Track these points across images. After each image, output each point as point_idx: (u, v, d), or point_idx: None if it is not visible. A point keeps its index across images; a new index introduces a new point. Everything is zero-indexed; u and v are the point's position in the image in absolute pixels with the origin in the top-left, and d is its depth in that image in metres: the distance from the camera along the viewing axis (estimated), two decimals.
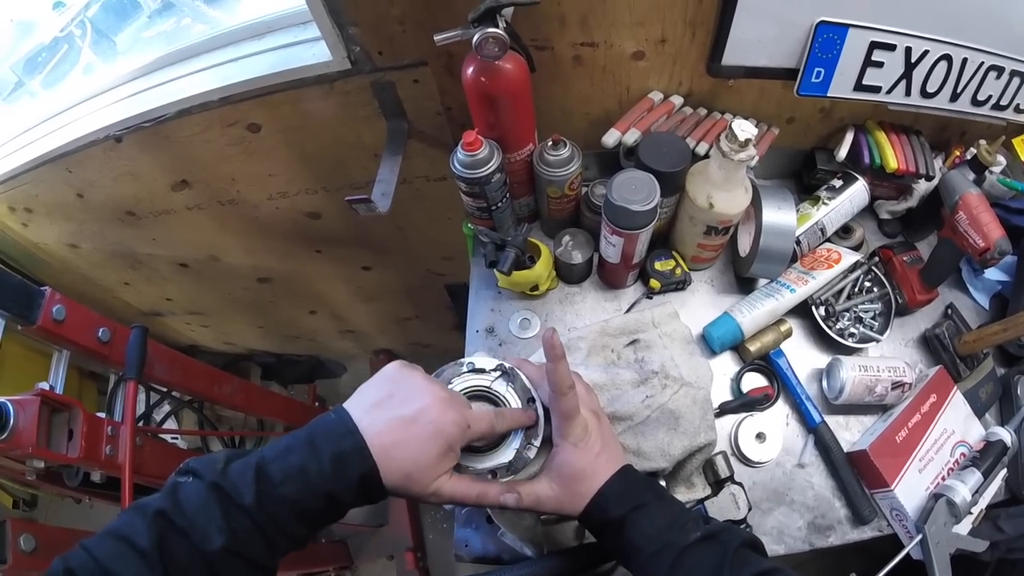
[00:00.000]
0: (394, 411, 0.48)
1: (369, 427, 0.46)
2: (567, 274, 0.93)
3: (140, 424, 1.29)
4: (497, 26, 0.66)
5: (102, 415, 1.20)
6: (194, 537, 0.40)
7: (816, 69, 0.81)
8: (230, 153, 1.06)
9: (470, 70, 0.72)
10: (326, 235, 1.36)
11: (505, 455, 0.56)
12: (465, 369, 0.59)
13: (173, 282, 1.67)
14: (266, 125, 1.00)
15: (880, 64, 0.80)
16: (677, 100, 0.90)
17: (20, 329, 1.21)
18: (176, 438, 1.72)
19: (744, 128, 0.73)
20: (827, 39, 0.78)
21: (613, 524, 0.53)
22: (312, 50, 0.88)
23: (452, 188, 0.83)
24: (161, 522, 0.41)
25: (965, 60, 0.80)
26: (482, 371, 0.59)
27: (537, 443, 0.56)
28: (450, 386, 0.57)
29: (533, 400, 0.58)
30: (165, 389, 1.71)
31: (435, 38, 0.68)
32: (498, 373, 0.58)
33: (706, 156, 0.84)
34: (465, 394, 0.58)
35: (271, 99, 0.93)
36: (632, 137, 0.84)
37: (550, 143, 0.80)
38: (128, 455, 1.16)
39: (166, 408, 1.83)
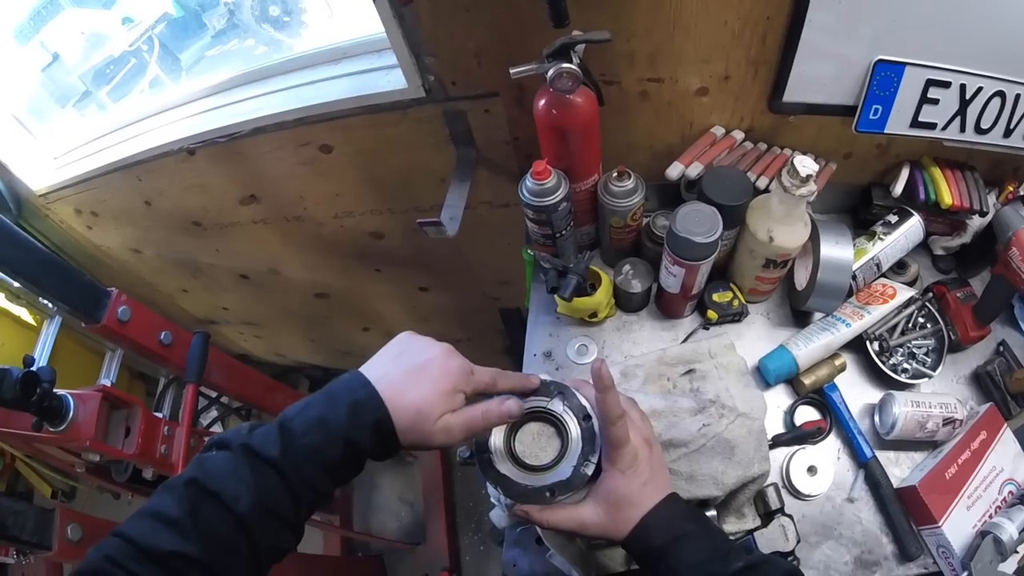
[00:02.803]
0: (405, 363, 0.52)
1: (382, 378, 0.50)
2: (626, 302, 0.95)
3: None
4: (571, 61, 0.69)
5: (159, 415, 1.25)
6: (225, 497, 0.43)
7: (874, 106, 0.83)
8: (301, 172, 1.11)
9: (542, 103, 0.74)
10: (387, 255, 1.40)
11: (563, 472, 0.57)
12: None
13: (232, 292, 1.71)
14: (338, 147, 1.04)
15: (935, 101, 0.81)
16: (738, 135, 0.92)
17: (84, 327, 1.26)
18: None
19: (806, 164, 0.74)
20: (884, 77, 0.80)
21: (655, 553, 0.54)
22: (387, 77, 0.92)
23: (513, 215, 0.86)
24: (192, 490, 0.43)
25: (1018, 96, 0.81)
26: (541, 392, 0.60)
27: (594, 460, 0.57)
28: None
29: (589, 417, 0.59)
30: (214, 395, 1.76)
31: (511, 71, 0.71)
32: (555, 392, 0.60)
33: (767, 190, 0.85)
34: (526, 414, 0.59)
35: (345, 122, 0.97)
36: (695, 170, 0.87)
37: (615, 174, 0.83)
38: (183, 455, 1.20)
39: (213, 413, 1.88)
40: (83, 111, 1.51)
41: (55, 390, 1.06)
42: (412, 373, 0.51)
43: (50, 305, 1.53)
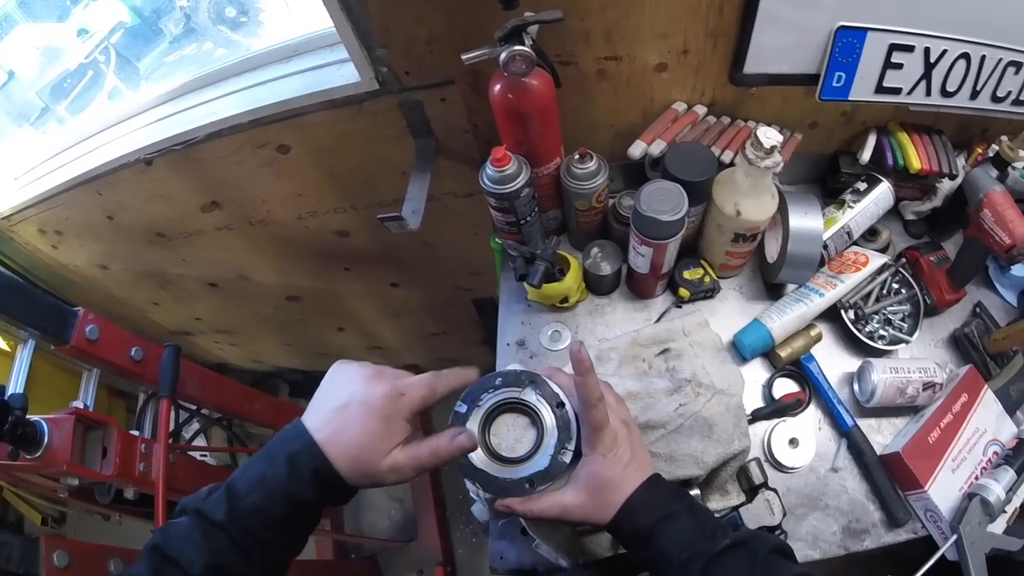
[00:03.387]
0: (331, 403, 0.51)
1: (314, 424, 0.50)
2: (596, 286, 0.94)
3: (171, 441, 1.31)
4: (523, 44, 0.67)
5: (135, 433, 1.22)
6: (182, 562, 0.45)
7: (837, 73, 0.82)
8: (260, 174, 1.09)
9: (497, 88, 0.73)
10: (355, 253, 1.38)
11: (541, 462, 0.56)
12: (497, 382, 0.59)
13: (202, 301, 1.69)
14: (296, 146, 1.02)
15: (899, 66, 0.81)
16: (701, 110, 0.91)
17: (53, 349, 1.24)
18: (205, 455, 1.74)
19: (769, 135, 0.73)
20: (847, 43, 0.79)
21: (642, 534, 0.53)
22: (340, 72, 0.90)
23: (479, 204, 0.84)
24: (155, 556, 0.46)
25: (983, 58, 0.81)
26: (512, 383, 0.59)
27: (571, 447, 0.56)
28: (482, 401, 0.58)
29: (563, 405, 0.58)
30: (195, 407, 1.73)
31: (463, 57, 0.70)
32: (526, 382, 0.59)
33: (732, 164, 0.84)
34: (499, 406, 0.58)
35: (300, 120, 0.95)
36: (658, 148, 0.86)
37: (577, 156, 0.82)
38: (162, 472, 1.18)
39: (195, 426, 1.85)
40: (42, 128, 1.48)
41: (28, 416, 1.04)
42: (339, 413, 0.50)
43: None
